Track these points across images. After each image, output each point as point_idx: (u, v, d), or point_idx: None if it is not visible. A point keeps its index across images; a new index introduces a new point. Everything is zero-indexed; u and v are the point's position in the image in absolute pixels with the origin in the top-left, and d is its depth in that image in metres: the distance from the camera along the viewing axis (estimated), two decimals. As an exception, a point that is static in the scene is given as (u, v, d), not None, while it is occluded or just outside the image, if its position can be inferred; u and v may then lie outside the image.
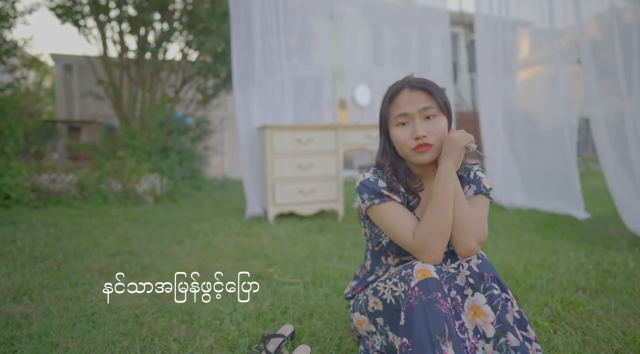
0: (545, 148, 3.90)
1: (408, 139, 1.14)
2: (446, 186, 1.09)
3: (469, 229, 1.09)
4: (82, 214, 3.67)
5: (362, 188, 1.19)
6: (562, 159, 3.59)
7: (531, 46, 4.75)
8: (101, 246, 2.59)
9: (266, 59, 3.55)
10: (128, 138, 4.76)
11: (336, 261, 2.26)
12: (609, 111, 3.00)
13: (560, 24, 3.88)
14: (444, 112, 1.15)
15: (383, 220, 1.16)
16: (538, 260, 2.21)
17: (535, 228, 3.10)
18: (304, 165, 3.35)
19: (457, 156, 1.09)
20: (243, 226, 3.24)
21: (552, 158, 3.79)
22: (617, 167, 2.76)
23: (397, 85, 1.18)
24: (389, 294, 1.15)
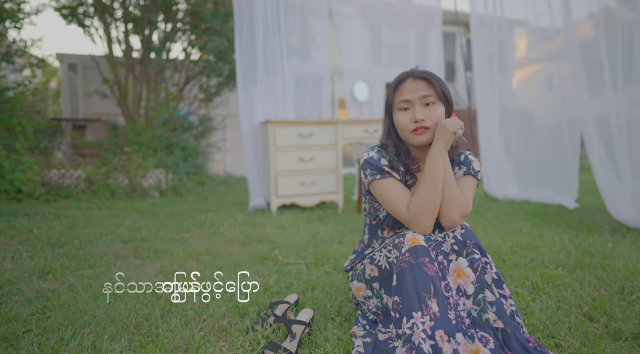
0: (541, 144, 4.07)
1: (409, 122, 1.30)
2: (437, 165, 1.24)
3: (455, 205, 1.24)
4: (91, 207, 3.82)
5: (366, 165, 1.35)
6: (558, 154, 3.76)
7: (528, 45, 4.89)
8: (114, 234, 2.74)
9: (268, 58, 3.70)
10: (134, 135, 4.91)
11: (336, 245, 2.41)
12: (598, 108, 3.16)
13: (556, 23, 4.02)
14: (442, 101, 1.31)
15: (383, 194, 1.31)
16: (525, 243, 2.36)
17: (525, 217, 3.26)
18: (305, 159, 3.50)
19: (447, 139, 1.24)
20: (247, 216, 3.39)
21: (548, 153, 3.96)
22: (604, 160, 2.91)
23: (403, 75, 1.34)
24: (384, 261, 1.31)
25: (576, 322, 1.34)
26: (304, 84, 4.44)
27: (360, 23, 5.15)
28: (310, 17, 4.73)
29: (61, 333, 1.30)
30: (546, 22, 4.16)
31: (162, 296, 1.64)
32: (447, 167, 1.28)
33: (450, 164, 1.29)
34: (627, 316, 1.36)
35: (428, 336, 1.05)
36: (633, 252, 2.10)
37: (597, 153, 2.93)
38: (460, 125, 1.25)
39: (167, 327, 1.36)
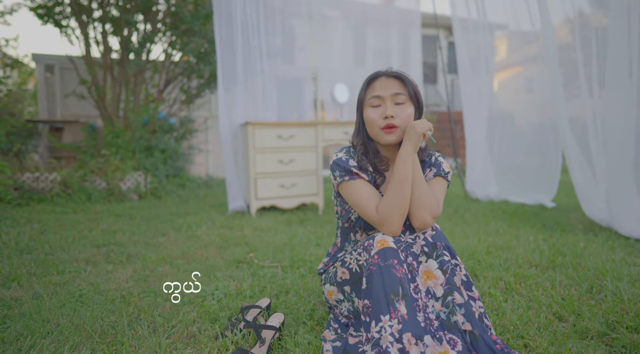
0: (522, 145, 4.15)
1: (378, 118, 1.30)
2: (406, 166, 1.24)
3: (425, 205, 1.24)
4: (66, 211, 3.71)
5: (334, 166, 1.34)
6: (538, 155, 3.84)
7: (508, 48, 4.98)
8: (86, 238, 2.66)
9: (248, 59, 3.67)
10: (112, 137, 4.81)
11: (313, 247, 2.40)
12: (574, 110, 3.23)
13: (536, 26, 4.09)
14: (412, 102, 1.31)
15: (351, 195, 1.30)
16: (500, 243, 2.39)
17: (503, 217, 3.30)
18: (285, 160, 3.47)
19: (416, 140, 1.24)
20: (226, 219, 3.35)
21: (529, 154, 4.04)
22: (581, 161, 2.96)
23: (376, 72, 1.35)
24: (354, 263, 1.30)
25: (545, 321, 1.35)
26: (286, 86, 4.42)
27: (343, 25, 5.15)
28: (292, 19, 4.72)
29: (19, 343, 1.25)
30: (526, 26, 4.25)
31: (130, 301, 1.59)
32: (417, 168, 1.28)
33: (419, 165, 1.29)
34: (593, 314, 1.38)
35: (395, 339, 1.04)
36: (603, 251, 2.14)
37: (574, 154, 2.99)
38: (429, 126, 1.25)
39: (134, 334, 1.32)
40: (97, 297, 1.63)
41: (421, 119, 1.35)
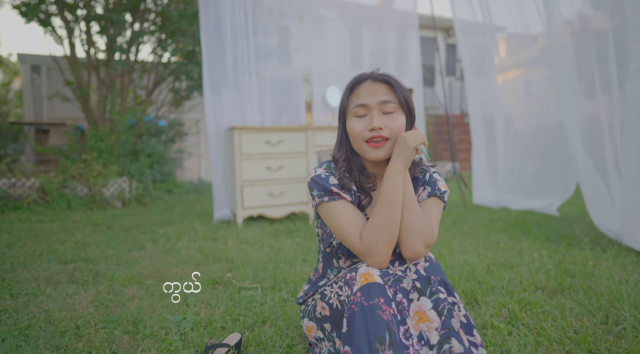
0: (530, 150, 4.01)
1: (363, 130, 1.11)
2: (394, 185, 1.05)
3: (417, 232, 1.05)
4: (42, 219, 3.51)
5: (312, 184, 1.15)
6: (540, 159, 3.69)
7: (507, 51, 4.85)
8: (55, 252, 2.47)
9: (236, 61, 3.48)
10: (95, 141, 4.61)
11: (299, 264, 2.21)
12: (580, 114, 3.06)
13: (534, 29, 4.00)
14: (403, 109, 1.12)
15: (331, 219, 1.12)
16: (502, 260, 2.20)
17: (503, 228, 3.11)
18: (273, 167, 3.28)
19: (407, 156, 1.06)
20: (210, 229, 3.15)
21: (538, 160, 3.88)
22: (589, 167, 2.78)
23: (360, 76, 1.15)
24: (335, 298, 1.11)
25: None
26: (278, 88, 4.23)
27: (340, 26, 4.98)
28: (287, 19, 4.54)
29: None
30: (524, 28, 4.14)
31: (83, 334, 1.40)
32: (408, 188, 1.09)
33: (411, 184, 1.10)
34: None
35: (381, 398, 0.86)
36: (615, 271, 1.96)
37: (582, 160, 2.80)
38: (422, 139, 1.06)
39: (77, 380, 1.12)
40: (47, 328, 1.44)
41: (413, 129, 1.16)
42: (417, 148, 1.06)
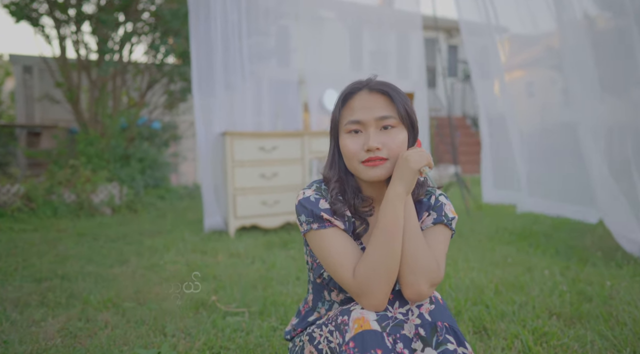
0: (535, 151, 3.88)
1: (358, 150, 0.95)
2: (395, 213, 0.89)
3: (421, 268, 0.89)
4: (25, 228, 3.35)
5: (300, 208, 0.99)
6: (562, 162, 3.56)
7: (510, 51, 4.74)
8: (32, 267, 2.31)
9: (229, 62, 3.32)
10: (84, 145, 4.45)
11: (292, 283, 2.04)
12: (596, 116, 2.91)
13: (539, 29, 3.91)
14: (404, 124, 0.96)
15: (321, 250, 0.96)
16: (511, 279, 2.04)
17: (509, 240, 2.95)
18: (267, 174, 3.12)
19: (409, 179, 0.89)
20: (201, 240, 2.99)
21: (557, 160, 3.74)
22: (604, 172, 2.61)
23: (354, 85, 0.99)
24: (324, 343, 0.95)
25: None
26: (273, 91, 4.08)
27: (340, 27, 4.83)
28: (285, 20, 4.39)
29: None
30: (530, 28, 4.05)
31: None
32: (410, 215, 0.93)
33: (414, 211, 0.94)
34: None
35: None
36: (635, 293, 1.79)
37: (596, 165, 2.63)
38: (427, 160, 0.90)
39: None
40: None
41: (416, 146, 1.00)
42: (421, 170, 0.89)
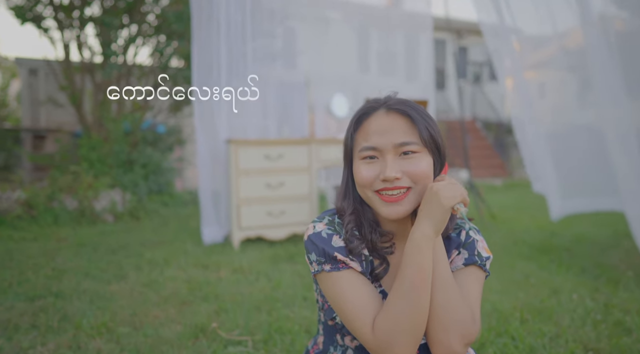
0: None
1: (374, 178, 0.80)
2: (422, 258, 0.75)
3: (453, 324, 0.75)
4: (25, 237, 3.26)
5: (310, 245, 0.85)
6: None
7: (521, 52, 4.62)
8: (27, 283, 2.20)
9: (232, 65, 3.20)
10: (87, 150, 4.35)
11: (298, 305, 1.91)
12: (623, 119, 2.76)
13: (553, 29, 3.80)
14: (429, 149, 0.81)
15: (334, 295, 0.82)
16: (536, 304, 1.88)
17: (529, 255, 2.79)
18: (273, 184, 2.99)
19: (439, 218, 0.75)
20: (204, 252, 2.87)
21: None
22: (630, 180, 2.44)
23: (369, 105, 0.85)
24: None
25: None
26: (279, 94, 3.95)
27: (346, 28, 4.70)
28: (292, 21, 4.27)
29: None
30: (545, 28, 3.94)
31: None
32: (440, 260, 0.78)
33: (445, 254, 0.80)
34: None
35: None
36: (677, 324, 1.63)
37: (622, 171, 2.45)
38: (461, 195, 0.75)
39: None
40: None
41: (444, 175, 0.84)
42: (455, 208, 0.75)
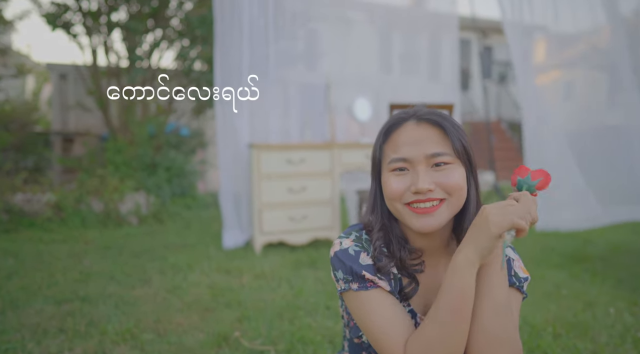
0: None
1: (404, 190, 0.77)
2: (463, 283, 0.70)
3: (501, 344, 0.71)
4: (54, 239, 3.35)
5: (336, 262, 0.83)
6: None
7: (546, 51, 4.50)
8: (55, 286, 2.25)
9: (255, 67, 3.20)
10: (113, 153, 4.46)
11: (321, 314, 1.88)
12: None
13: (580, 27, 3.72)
14: (461, 160, 0.78)
15: (361, 315, 0.79)
16: (569, 317, 1.79)
17: (560, 264, 2.67)
18: (295, 188, 2.98)
19: (485, 245, 0.69)
20: (226, 257, 2.87)
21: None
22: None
23: (398, 116, 0.82)
24: None
25: None
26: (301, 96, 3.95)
27: (368, 29, 4.65)
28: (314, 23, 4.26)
29: None
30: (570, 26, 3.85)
31: None
32: (496, 284, 0.73)
33: (503, 279, 0.74)
34: None
35: None
36: None
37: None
38: (511, 222, 0.68)
39: None
40: None
41: (515, 173, 0.78)
42: (502, 235, 0.69)
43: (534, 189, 0.75)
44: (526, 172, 0.76)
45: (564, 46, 4.20)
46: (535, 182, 0.75)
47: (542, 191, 0.75)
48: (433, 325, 0.71)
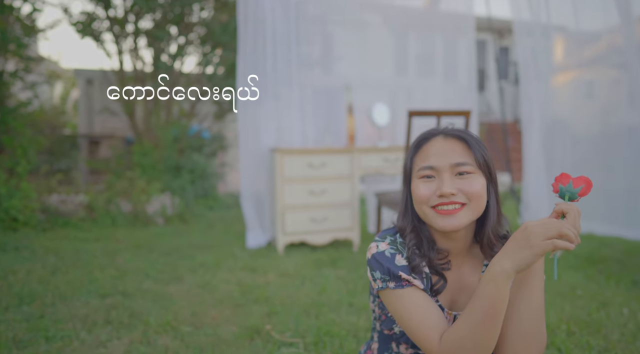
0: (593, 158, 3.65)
1: (430, 195, 0.89)
2: (497, 294, 0.77)
3: (534, 341, 0.83)
4: (88, 237, 3.55)
5: (374, 263, 0.94)
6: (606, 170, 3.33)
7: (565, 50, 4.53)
8: (96, 282, 2.42)
9: (277, 72, 3.34)
10: (140, 156, 4.66)
11: (345, 310, 2.00)
12: None
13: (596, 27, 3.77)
14: (482, 171, 0.90)
15: (399, 311, 0.90)
16: (583, 316, 1.87)
17: (576, 265, 2.73)
18: (316, 191, 3.10)
19: (525, 261, 0.74)
20: (250, 256, 3.02)
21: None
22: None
23: (429, 132, 0.96)
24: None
25: None
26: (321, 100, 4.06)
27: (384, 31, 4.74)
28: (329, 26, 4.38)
29: None
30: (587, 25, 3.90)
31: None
32: (537, 289, 0.82)
33: (541, 283, 0.83)
34: None
35: None
36: None
37: None
38: (553, 244, 0.71)
39: None
40: None
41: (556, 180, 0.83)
42: (551, 255, 0.74)
43: (576, 196, 0.77)
44: (568, 180, 0.78)
45: (583, 45, 4.23)
46: (578, 190, 0.77)
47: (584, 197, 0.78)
48: (466, 325, 0.81)
